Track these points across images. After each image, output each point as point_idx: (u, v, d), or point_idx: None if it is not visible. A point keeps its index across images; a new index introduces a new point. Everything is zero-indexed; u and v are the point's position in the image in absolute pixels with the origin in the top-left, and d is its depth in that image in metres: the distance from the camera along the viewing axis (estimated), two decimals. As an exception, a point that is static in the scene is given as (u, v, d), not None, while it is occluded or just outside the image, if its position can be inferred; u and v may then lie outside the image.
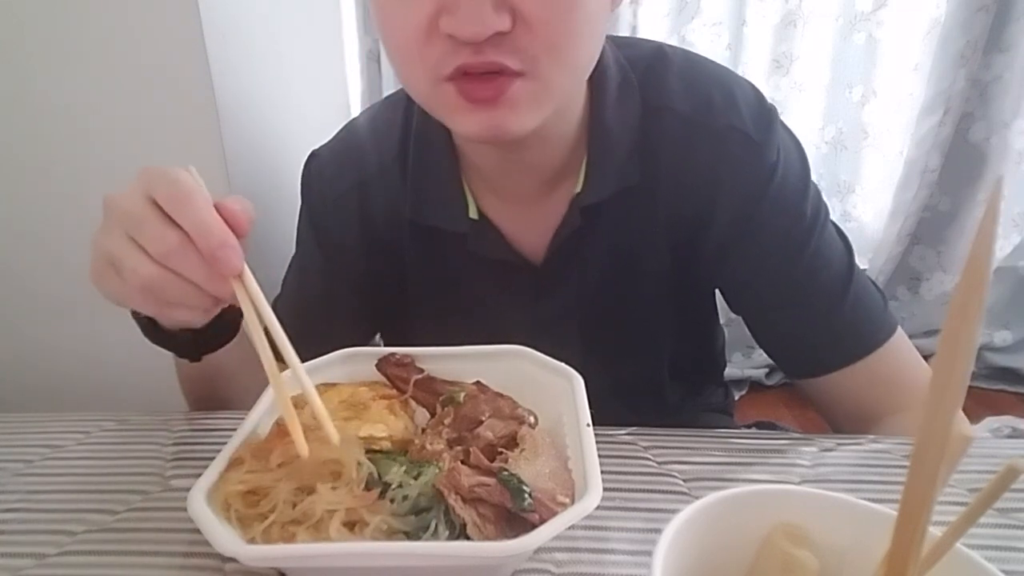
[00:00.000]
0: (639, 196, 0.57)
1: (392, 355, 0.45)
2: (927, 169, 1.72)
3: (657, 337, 0.65)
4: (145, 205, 0.38)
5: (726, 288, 0.63)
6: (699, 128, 0.56)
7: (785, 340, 0.61)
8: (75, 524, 0.42)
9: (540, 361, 0.44)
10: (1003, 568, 0.24)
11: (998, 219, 0.18)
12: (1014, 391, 1.82)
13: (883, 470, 0.46)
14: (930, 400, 0.19)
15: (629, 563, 0.37)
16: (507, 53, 0.44)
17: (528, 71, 0.45)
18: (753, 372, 1.88)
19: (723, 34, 1.72)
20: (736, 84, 0.58)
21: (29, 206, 0.91)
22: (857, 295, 0.57)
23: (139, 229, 0.38)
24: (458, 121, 0.48)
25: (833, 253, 0.57)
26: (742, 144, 0.55)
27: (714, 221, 0.57)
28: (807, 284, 0.57)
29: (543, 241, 0.59)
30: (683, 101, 0.56)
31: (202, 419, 0.54)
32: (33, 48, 0.85)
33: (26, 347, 0.92)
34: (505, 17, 0.42)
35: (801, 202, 0.56)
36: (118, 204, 0.39)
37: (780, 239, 0.56)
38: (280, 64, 1.09)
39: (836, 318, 0.57)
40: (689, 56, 0.59)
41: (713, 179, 0.56)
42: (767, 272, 0.57)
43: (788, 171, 0.56)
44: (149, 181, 0.39)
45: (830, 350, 0.57)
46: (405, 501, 0.33)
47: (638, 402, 0.56)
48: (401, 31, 0.45)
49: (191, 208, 0.37)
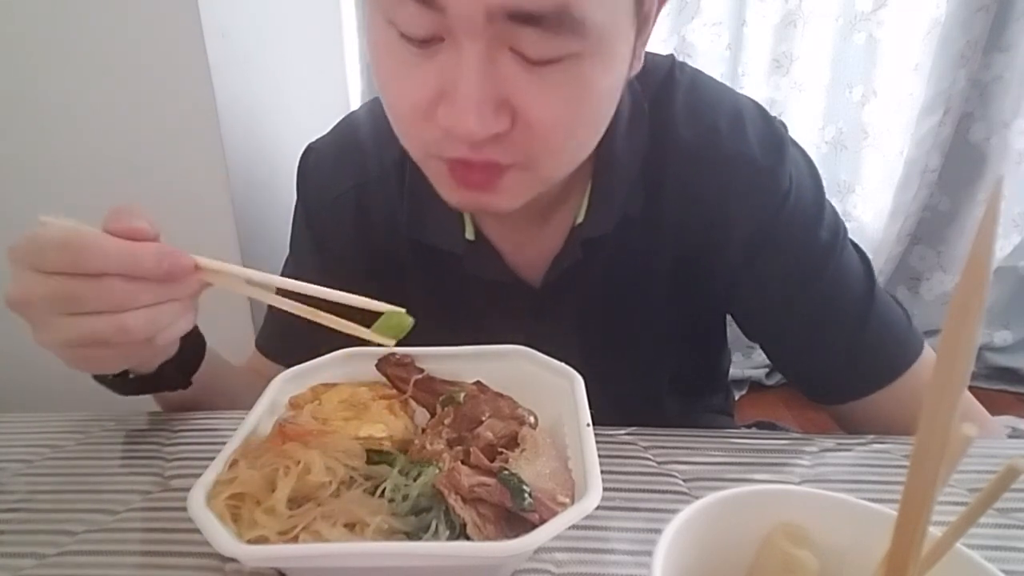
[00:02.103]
0: (643, 225, 0.55)
1: (392, 355, 0.45)
2: (927, 169, 1.72)
3: (659, 357, 0.63)
4: (55, 281, 0.36)
5: (739, 315, 0.61)
6: (705, 157, 0.54)
7: (806, 367, 0.59)
8: (75, 524, 0.41)
9: (540, 361, 0.44)
10: (1003, 568, 0.24)
11: (998, 219, 0.18)
12: (1014, 391, 1.82)
13: (883, 470, 0.46)
14: (930, 400, 0.19)
15: (629, 563, 0.37)
16: (503, 151, 0.42)
17: (524, 164, 0.43)
18: (753, 372, 1.88)
19: (723, 34, 1.72)
20: (744, 109, 0.55)
21: (29, 206, 0.91)
22: (879, 318, 0.55)
23: (78, 302, 0.37)
24: (444, 192, 0.47)
25: (852, 276, 0.55)
26: (751, 172, 0.53)
27: (724, 250, 0.55)
28: (826, 310, 0.55)
29: (542, 264, 0.58)
30: (688, 128, 0.54)
31: (202, 419, 0.54)
32: (33, 49, 0.85)
33: (26, 347, 0.92)
34: (505, 119, 0.40)
35: (815, 228, 0.54)
36: (27, 299, 0.37)
37: (795, 267, 0.54)
38: (280, 64, 1.10)
39: (859, 343, 0.54)
40: (696, 79, 0.57)
41: (721, 208, 0.54)
42: (782, 300, 0.55)
43: (800, 197, 0.54)
44: (30, 259, 0.37)
45: (855, 377, 0.55)
46: (405, 501, 0.33)
47: (636, 414, 0.55)
48: (396, 106, 0.44)
49: (96, 255, 0.36)
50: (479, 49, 0.38)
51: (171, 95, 0.87)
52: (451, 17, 0.37)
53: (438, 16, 0.37)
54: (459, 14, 0.37)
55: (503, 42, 0.38)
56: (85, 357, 0.40)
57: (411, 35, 0.39)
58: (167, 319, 0.39)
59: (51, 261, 0.36)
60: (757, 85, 1.74)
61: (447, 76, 0.39)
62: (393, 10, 0.39)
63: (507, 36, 0.38)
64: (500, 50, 0.38)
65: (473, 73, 0.38)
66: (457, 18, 0.37)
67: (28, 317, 0.39)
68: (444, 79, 0.39)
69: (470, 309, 0.61)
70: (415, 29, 0.39)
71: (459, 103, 0.38)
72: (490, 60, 0.38)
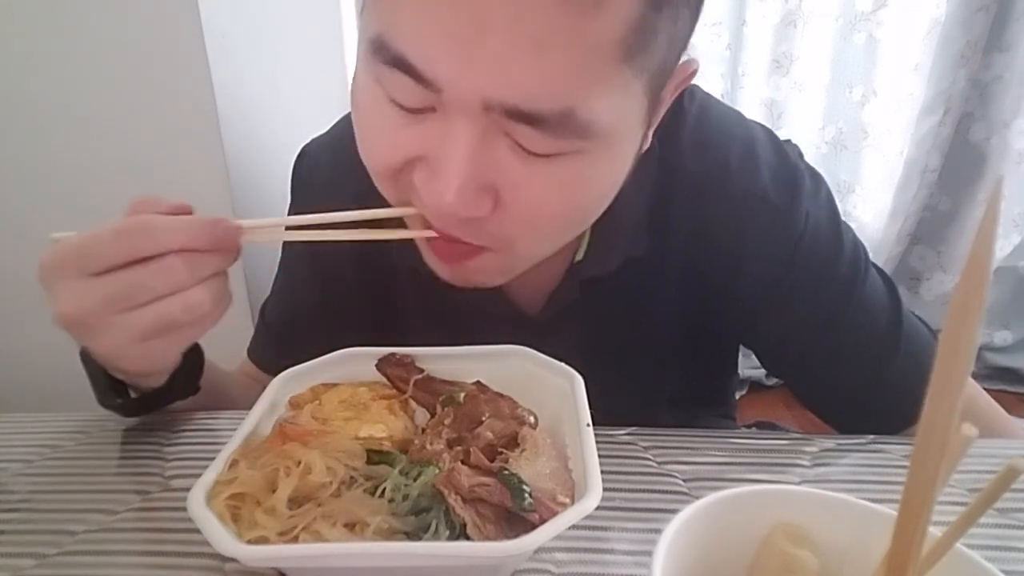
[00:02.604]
0: (647, 266, 0.52)
1: (392, 355, 0.45)
2: (927, 169, 1.72)
3: (662, 382, 0.61)
4: (109, 280, 0.36)
5: (758, 351, 0.58)
6: (714, 195, 0.50)
7: (836, 404, 0.56)
8: (75, 524, 0.41)
9: (540, 361, 0.44)
10: (1003, 568, 0.24)
11: (998, 219, 0.18)
12: (1014, 391, 1.82)
13: (883, 470, 0.46)
14: (930, 400, 0.19)
15: (629, 563, 0.37)
16: (474, 234, 0.39)
17: (497, 248, 0.41)
18: (753, 372, 1.88)
19: (723, 34, 1.72)
20: (757, 142, 0.52)
21: (29, 206, 0.91)
22: (909, 349, 0.52)
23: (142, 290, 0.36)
24: (424, 256, 0.45)
25: (877, 307, 0.52)
26: (763, 212, 0.50)
27: (736, 291, 0.52)
28: (852, 344, 0.52)
29: (541, 297, 0.55)
30: (697, 162, 0.51)
31: (202, 419, 0.54)
32: (33, 49, 0.85)
33: (26, 347, 0.92)
34: (486, 203, 0.37)
35: (835, 263, 0.52)
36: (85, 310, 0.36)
37: (815, 303, 0.52)
38: (280, 64, 1.10)
39: (890, 377, 0.52)
40: (706, 108, 0.53)
41: (733, 249, 0.51)
42: (804, 336, 0.53)
43: (817, 234, 0.51)
44: (76, 266, 0.36)
45: (889, 413, 0.51)
46: (405, 501, 0.33)
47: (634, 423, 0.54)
48: (372, 156, 0.41)
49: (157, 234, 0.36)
50: (473, 132, 0.35)
51: (171, 95, 0.87)
52: (446, 99, 0.35)
53: (431, 93, 0.35)
54: (454, 98, 0.34)
55: (499, 129, 0.35)
56: (148, 352, 0.39)
57: (401, 103, 0.37)
58: (222, 289, 0.38)
59: (107, 256, 0.35)
60: (757, 85, 1.74)
61: (432, 144, 0.36)
62: (384, 76, 0.36)
63: (504, 126, 0.35)
64: (495, 135, 0.36)
65: (462, 155, 0.35)
66: (451, 101, 0.34)
67: (87, 327, 0.37)
68: (430, 146, 0.37)
69: (467, 337, 0.59)
70: (406, 100, 0.36)
71: (441, 179, 0.36)
72: (483, 145, 0.35)
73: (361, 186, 0.56)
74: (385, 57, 0.35)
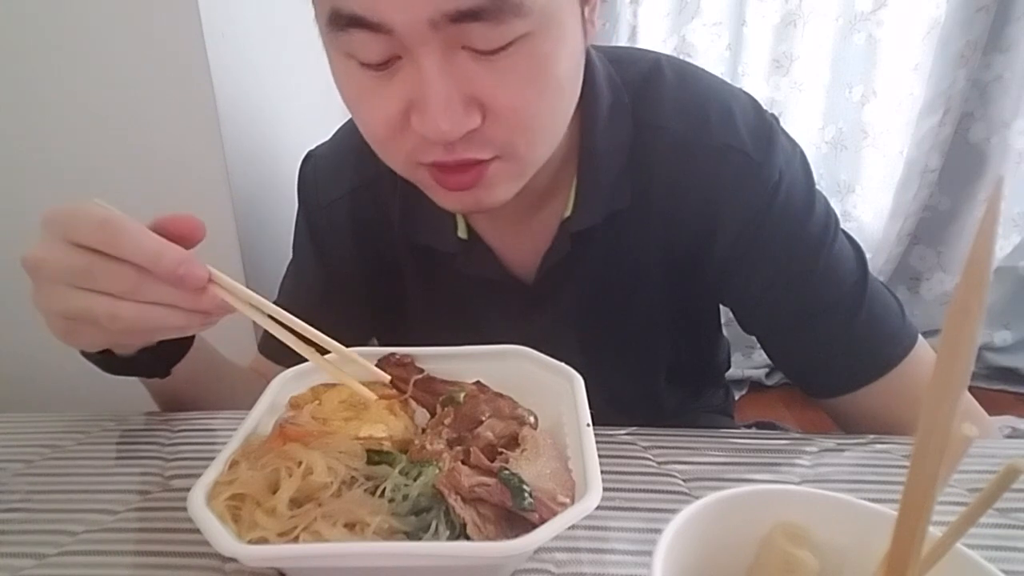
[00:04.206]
0: (631, 219, 0.55)
1: (392, 355, 0.45)
2: (927, 169, 1.72)
3: (655, 349, 0.64)
4: (78, 253, 0.37)
5: (734, 307, 0.61)
6: (694, 148, 0.54)
7: (800, 361, 0.59)
8: (75, 524, 0.41)
9: (540, 361, 0.44)
10: (1003, 568, 0.24)
11: (998, 219, 0.18)
12: (1014, 391, 1.82)
13: (883, 470, 0.46)
14: (930, 400, 0.19)
15: (629, 563, 0.37)
16: (480, 147, 0.43)
17: (503, 155, 0.45)
18: (753, 372, 1.88)
19: (723, 34, 1.72)
20: (734, 99, 0.55)
21: (29, 206, 0.91)
22: (872, 309, 0.54)
23: (89, 278, 0.37)
24: (436, 198, 0.49)
25: (845, 268, 0.55)
26: (740, 164, 0.53)
27: (714, 242, 0.55)
28: (819, 302, 0.55)
29: (534, 260, 0.58)
30: (677, 120, 0.54)
31: (202, 419, 0.54)
32: (33, 48, 0.85)
33: (26, 347, 0.92)
34: (475, 115, 0.41)
35: (806, 221, 0.54)
36: (45, 262, 0.38)
37: (787, 259, 0.54)
38: (280, 64, 1.09)
39: (852, 335, 0.54)
40: (684, 71, 0.57)
41: (711, 200, 0.54)
42: (774, 292, 0.55)
43: (791, 190, 0.54)
44: (65, 227, 0.37)
45: (848, 369, 0.55)
46: (405, 501, 0.33)
47: (634, 409, 0.55)
48: (370, 125, 0.45)
49: (129, 240, 0.37)
50: (434, 55, 0.39)
51: (171, 95, 0.87)
52: (399, 35, 0.39)
53: (388, 38, 0.39)
54: (405, 31, 0.38)
55: (455, 43, 0.40)
56: (71, 330, 0.40)
57: (369, 61, 0.41)
58: (158, 321, 0.38)
59: (85, 234, 0.37)
60: (757, 85, 1.74)
61: (412, 88, 0.41)
62: (346, 43, 0.41)
63: (456, 37, 0.39)
64: (454, 51, 0.40)
65: (435, 78, 0.40)
66: (405, 34, 0.39)
67: (37, 279, 0.39)
68: (410, 91, 0.41)
69: (466, 308, 0.61)
70: (371, 55, 0.41)
71: (429, 109, 0.40)
72: (447, 62, 0.40)
73: (355, 181, 0.63)
74: (341, 22, 0.40)
